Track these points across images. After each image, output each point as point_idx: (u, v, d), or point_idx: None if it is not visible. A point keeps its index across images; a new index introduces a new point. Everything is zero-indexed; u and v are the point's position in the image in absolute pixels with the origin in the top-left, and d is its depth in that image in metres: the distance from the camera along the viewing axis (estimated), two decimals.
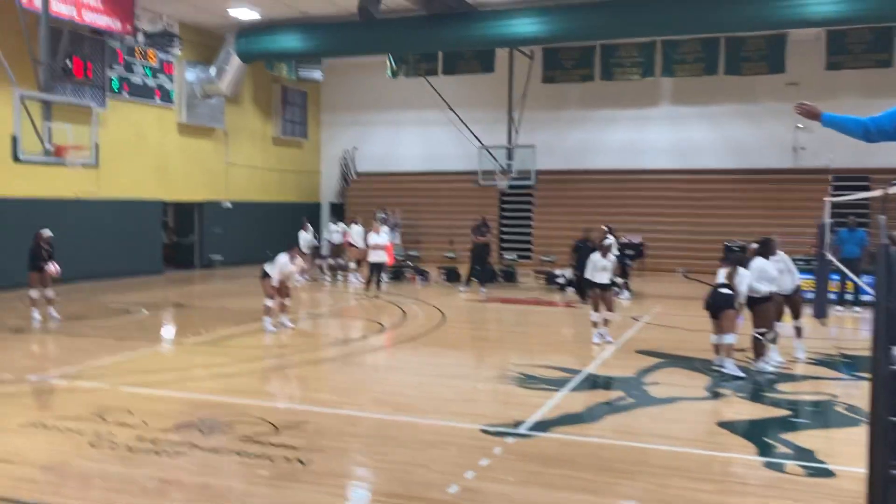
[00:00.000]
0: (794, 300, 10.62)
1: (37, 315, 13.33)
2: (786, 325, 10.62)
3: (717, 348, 9.85)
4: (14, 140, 14.24)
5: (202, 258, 24.27)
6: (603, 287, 11.88)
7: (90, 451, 6.46)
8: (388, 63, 24.89)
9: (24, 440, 6.74)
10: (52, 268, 13.32)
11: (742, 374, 9.46)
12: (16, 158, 14.46)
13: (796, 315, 10.69)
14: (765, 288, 9.76)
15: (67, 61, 16.80)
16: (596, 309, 11.84)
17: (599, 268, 11.83)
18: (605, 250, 11.98)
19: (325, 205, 29.84)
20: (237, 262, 24.63)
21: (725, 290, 9.71)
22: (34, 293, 13.41)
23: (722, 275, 9.90)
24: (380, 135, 29.02)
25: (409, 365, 10.43)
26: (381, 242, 18.03)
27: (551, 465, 6.28)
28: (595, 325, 11.78)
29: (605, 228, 16.96)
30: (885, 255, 4.23)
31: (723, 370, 9.61)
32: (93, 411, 7.62)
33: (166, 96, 22.22)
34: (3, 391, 8.52)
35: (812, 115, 4.88)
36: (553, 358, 10.65)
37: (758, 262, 9.90)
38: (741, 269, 9.71)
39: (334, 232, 21.88)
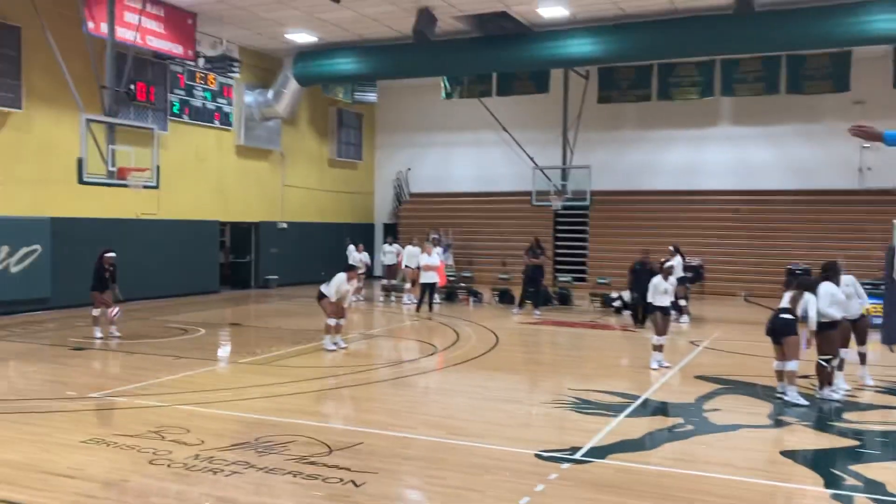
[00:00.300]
0: (859, 326, 10.25)
1: (98, 333, 13.66)
2: (850, 352, 10.24)
3: (780, 375, 9.54)
4: (80, 162, 14.71)
5: (258, 278, 24.63)
6: (664, 311, 11.69)
7: (149, 468, 6.54)
8: (442, 85, 25.06)
9: (86, 456, 6.87)
10: (114, 311, 13.73)
11: (805, 402, 9.14)
12: (81, 180, 14.91)
13: (862, 341, 10.30)
14: (837, 313, 9.44)
15: (131, 86, 17.31)
16: (658, 333, 11.61)
17: (661, 290, 11.63)
18: (666, 273, 11.77)
19: (379, 226, 30.06)
20: (292, 282, 24.96)
21: (787, 315, 9.40)
22: (96, 312, 13.75)
23: (786, 299, 9.59)
24: (433, 156, 29.18)
25: (463, 387, 10.35)
26: (432, 263, 18.05)
27: (608, 492, 6.12)
28: (655, 349, 11.55)
29: (672, 249, 16.69)
30: None
31: (785, 398, 9.30)
32: (152, 429, 7.73)
33: (225, 119, 22.73)
34: (67, 408, 8.71)
35: (871, 136, 4.70)
36: (609, 383, 10.46)
37: (827, 287, 9.57)
38: (807, 294, 9.39)
39: (388, 253, 22.02)
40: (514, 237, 25.55)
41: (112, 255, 13.93)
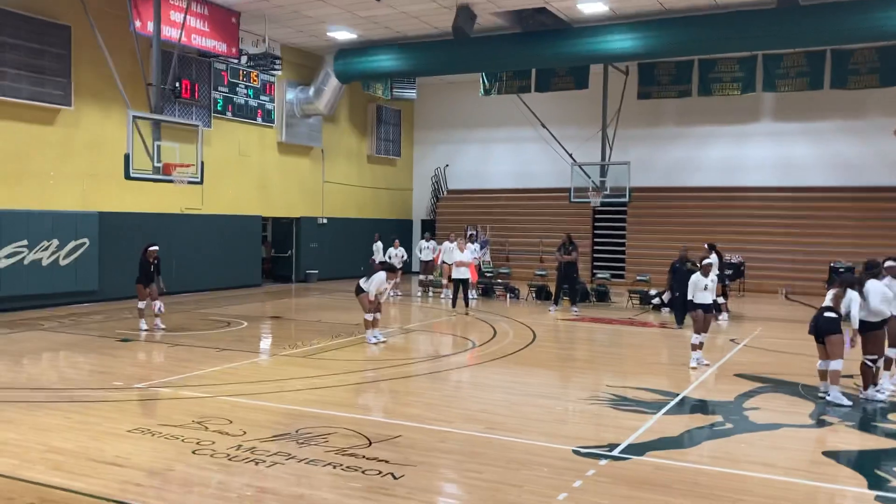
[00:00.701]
0: None
1: (144, 325, 13.99)
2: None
3: (823, 374, 9.41)
4: (126, 158, 15.03)
5: (299, 272, 24.93)
6: (706, 308, 11.55)
7: (193, 458, 6.70)
8: (480, 81, 25.06)
9: (132, 445, 7.06)
10: (157, 304, 14.10)
11: (848, 403, 8.99)
12: (128, 175, 15.25)
13: None
14: (887, 310, 9.29)
15: (176, 83, 17.62)
16: (697, 331, 11.50)
17: (701, 288, 11.50)
18: (706, 270, 11.62)
19: (417, 222, 30.20)
20: (332, 276, 25.23)
21: (831, 314, 9.24)
22: (142, 305, 14.09)
23: (829, 297, 9.44)
24: (471, 152, 29.22)
25: (500, 383, 10.39)
26: (464, 260, 18.06)
27: (646, 489, 6.12)
28: (695, 347, 11.46)
29: (707, 247, 16.48)
30: None
31: (827, 398, 9.17)
32: (195, 419, 7.92)
33: (267, 116, 23.02)
34: (114, 398, 8.95)
35: None
36: (647, 380, 10.42)
37: (874, 284, 9.41)
38: (850, 292, 9.24)
39: (424, 248, 22.10)
40: (552, 234, 25.48)
41: (155, 248, 14.28)
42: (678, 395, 9.55)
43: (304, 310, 18.44)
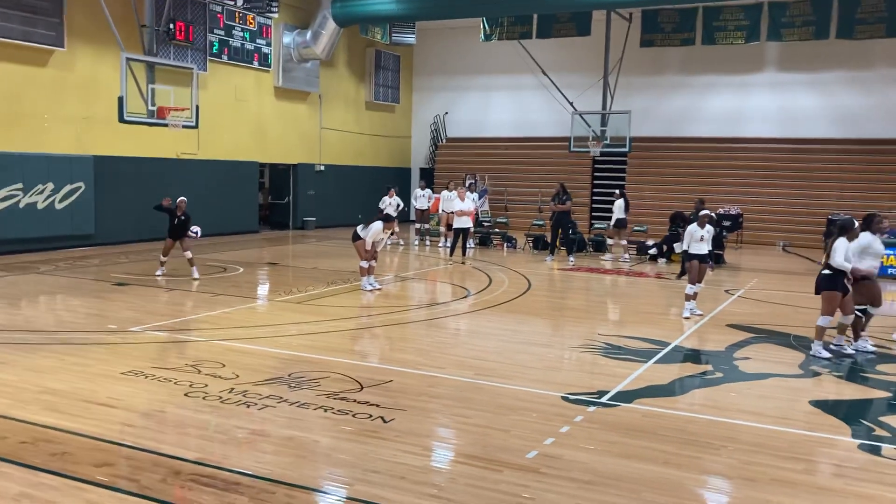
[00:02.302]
0: None
1: (160, 273, 14.01)
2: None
3: (842, 328, 9.33)
4: (120, 101, 14.88)
5: (296, 219, 24.89)
6: (702, 259, 11.59)
7: (185, 401, 6.76)
8: (481, 26, 24.66)
9: (126, 387, 7.12)
10: (192, 233, 14.12)
11: (826, 355, 8.98)
12: (122, 119, 15.10)
13: None
14: (868, 264, 9.26)
15: (171, 25, 17.34)
16: (692, 281, 11.55)
17: (697, 238, 11.54)
18: (702, 221, 11.62)
19: (415, 170, 30.03)
20: (329, 224, 25.21)
21: (826, 271, 9.11)
22: (165, 258, 14.12)
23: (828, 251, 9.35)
24: (471, 100, 28.91)
25: (493, 331, 10.45)
26: (465, 208, 18.00)
27: (633, 436, 6.19)
28: (689, 297, 11.50)
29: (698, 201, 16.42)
30: None
31: (809, 352, 9.16)
32: (189, 363, 7.97)
33: (264, 60, 22.71)
34: (109, 341, 9.00)
35: None
36: (640, 329, 10.47)
37: (864, 238, 9.36)
38: (840, 239, 9.03)
39: (420, 197, 21.99)
40: (551, 184, 25.33)
41: (184, 200, 14.24)
42: (670, 344, 9.61)
43: (301, 257, 18.46)
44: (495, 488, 5.07)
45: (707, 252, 11.72)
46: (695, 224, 11.68)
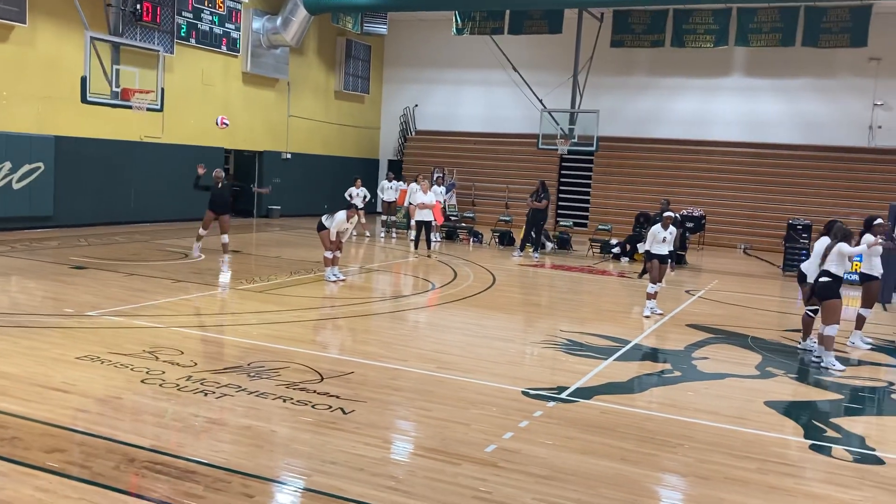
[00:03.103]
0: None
1: (197, 252, 14.08)
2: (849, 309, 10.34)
3: (820, 339, 9.15)
4: (83, 81, 14.58)
5: (260, 207, 24.65)
6: (662, 259, 11.67)
7: (141, 387, 6.66)
8: (453, 20, 24.62)
9: (81, 372, 6.99)
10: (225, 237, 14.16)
11: (841, 368, 8.79)
12: (84, 99, 14.80)
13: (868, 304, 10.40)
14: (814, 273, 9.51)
15: (137, 5, 17.03)
16: (653, 280, 11.65)
17: (659, 239, 11.61)
18: (665, 222, 11.69)
19: (384, 161, 29.91)
20: (294, 213, 25.01)
21: (826, 278, 8.97)
22: (203, 232, 14.18)
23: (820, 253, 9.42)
24: (441, 93, 28.86)
25: (457, 324, 10.46)
26: (427, 202, 17.96)
27: (591, 432, 6.24)
28: (649, 296, 11.62)
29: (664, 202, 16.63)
30: None
31: (821, 364, 8.96)
32: (146, 349, 7.85)
33: (232, 45, 22.42)
34: (64, 325, 8.83)
35: None
36: (602, 327, 10.56)
37: (822, 242, 9.56)
38: (840, 245, 8.97)
39: (387, 189, 21.89)
40: (519, 179, 25.47)
41: (221, 172, 14.31)
42: (630, 342, 9.71)
43: (264, 245, 18.29)
44: (453, 481, 5.07)
45: (668, 253, 11.82)
46: (658, 225, 11.73)
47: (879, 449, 6.25)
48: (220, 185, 13.66)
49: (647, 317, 11.41)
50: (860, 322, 10.32)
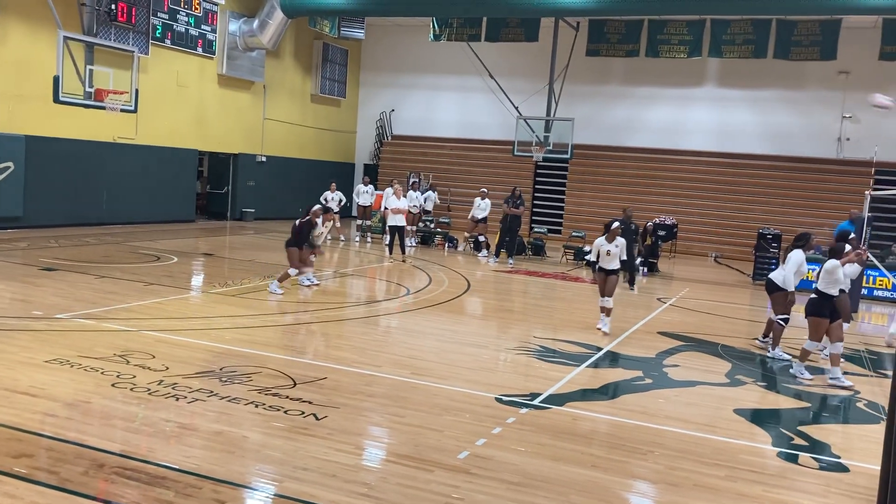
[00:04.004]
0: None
1: (278, 289, 12.04)
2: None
3: (804, 354, 9.05)
4: (56, 81, 14.41)
5: (234, 210, 24.50)
6: (609, 272, 10.85)
7: (111, 391, 6.59)
8: (430, 26, 24.68)
9: (49, 376, 6.90)
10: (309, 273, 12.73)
11: (809, 376, 8.83)
12: (57, 99, 14.63)
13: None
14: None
15: (112, 5, 16.87)
16: (602, 294, 10.91)
17: (604, 252, 10.85)
18: (612, 235, 10.83)
19: (360, 166, 29.86)
20: (268, 216, 24.89)
21: (814, 295, 8.87)
22: (293, 272, 12.36)
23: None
24: (418, 98, 28.89)
25: (431, 330, 10.47)
26: (401, 207, 17.97)
27: (563, 438, 6.29)
28: (603, 310, 10.94)
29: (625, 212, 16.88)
30: None
31: (790, 370, 9.10)
32: (117, 353, 7.78)
33: (208, 46, 22.29)
34: (33, 327, 8.71)
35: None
36: (575, 334, 10.62)
37: (797, 255, 9.75)
38: (830, 262, 8.85)
39: (362, 193, 21.85)
40: (495, 186, 25.54)
41: (319, 208, 12.91)
42: (602, 349, 9.78)
43: (238, 248, 18.18)
44: (426, 488, 5.08)
45: (618, 267, 10.99)
46: (602, 238, 10.89)
47: (844, 457, 6.36)
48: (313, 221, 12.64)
49: (600, 329, 10.80)
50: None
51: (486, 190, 20.64)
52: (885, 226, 19.95)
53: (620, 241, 10.90)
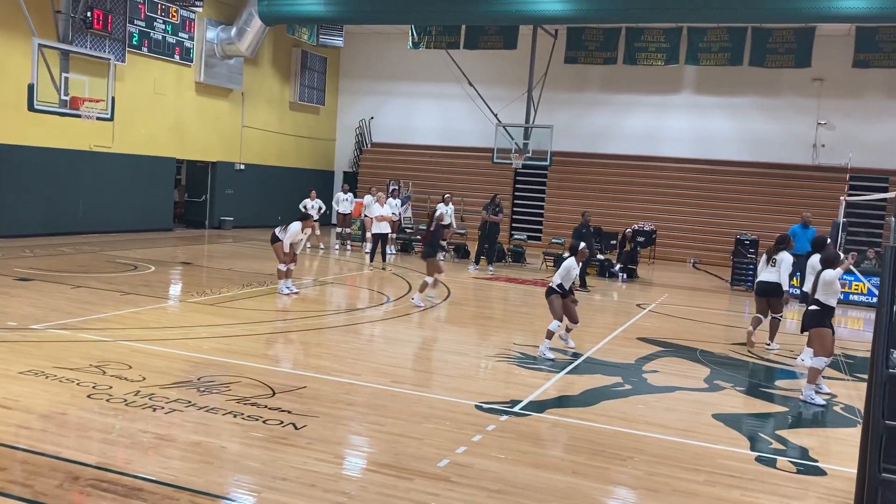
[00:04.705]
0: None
1: (420, 301, 12.33)
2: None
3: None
4: (31, 89, 14.26)
5: (213, 218, 24.34)
6: (560, 293, 9.85)
7: (87, 403, 6.51)
8: (410, 34, 24.72)
9: (24, 388, 6.80)
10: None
11: (821, 402, 8.17)
12: (32, 107, 14.48)
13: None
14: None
15: (88, 13, 16.73)
16: (554, 316, 9.76)
17: (573, 276, 10.01)
18: (580, 257, 10.06)
19: (339, 173, 29.79)
20: (247, 224, 24.76)
21: (814, 307, 8.33)
22: (430, 279, 12.24)
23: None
24: (397, 106, 28.90)
25: (411, 338, 10.44)
26: (385, 214, 17.95)
27: (543, 445, 6.29)
28: (550, 335, 9.66)
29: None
30: (892, 257, 4.18)
31: (800, 397, 8.37)
32: (93, 363, 7.68)
33: (186, 54, 22.16)
34: (7, 338, 8.59)
35: None
36: (555, 341, 10.61)
37: (788, 257, 10.35)
38: (827, 272, 8.34)
39: (343, 201, 21.79)
40: (474, 193, 25.61)
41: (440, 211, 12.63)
42: (582, 355, 9.80)
43: (216, 257, 18.06)
44: (406, 497, 5.06)
45: (567, 287, 9.97)
46: (572, 259, 9.92)
47: (822, 460, 6.41)
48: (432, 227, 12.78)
49: (546, 357, 9.43)
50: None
51: (449, 195, 20.68)
52: (861, 231, 20.19)
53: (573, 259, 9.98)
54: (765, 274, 10.77)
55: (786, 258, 10.49)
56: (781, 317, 10.89)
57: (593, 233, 16.08)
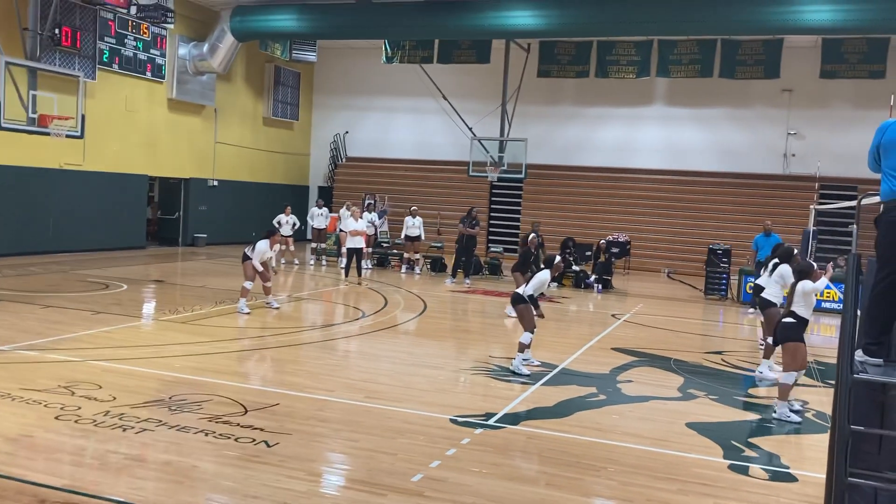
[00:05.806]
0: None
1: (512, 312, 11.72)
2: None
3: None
4: None
5: (186, 236, 24.15)
6: (527, 301, 9.66)
7: (55, 424, 6.41)
8: (383, 48, 24.79)
9: None
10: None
11: (797, 420, 7.84)
12: None
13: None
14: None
15: (56, 30, 16.61)
16: (525, 328, 9.61)
17: (546, 287, 9.96)
18: (556, 269, 10.16)
19: (314, 188, 29.72)
20: (221, 241, 24.59)
21: (788, 319, 8.09)
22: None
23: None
24: (372, 120, 28.91)
25: (386, 352, 10.41)
26: (359, 228, 17.92)
27: (518, 457, 6.28)
28: (520, 349, 9.51)
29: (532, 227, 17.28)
30: (855, 265, 4.24)
31: (773, 415, 8.01)
32: (62, 384, 7.57)
33: (157, 71, 22.04)
34: None
35: None
36: (530, 352, 10.62)
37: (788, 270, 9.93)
38: (803, 283, 8.18)
39: (317, 215, 21.71)
40: (450, 206, 25.64)
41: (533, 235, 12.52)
42: (557, 366, 9.82)
43: (189, 274, 17.90)
44: None
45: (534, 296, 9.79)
46: (547, 272, 9.88)
47: (794, 466, 6.46)
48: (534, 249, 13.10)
49: (524, 373, 9.22)
50: (768, 351, 9.96)
51: (416, 208, 20.78)
52: (830, 238, 20.46)
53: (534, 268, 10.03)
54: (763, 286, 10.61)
55: (785, 272, 9.82)
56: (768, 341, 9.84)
57: (540, 244, 16.18)
